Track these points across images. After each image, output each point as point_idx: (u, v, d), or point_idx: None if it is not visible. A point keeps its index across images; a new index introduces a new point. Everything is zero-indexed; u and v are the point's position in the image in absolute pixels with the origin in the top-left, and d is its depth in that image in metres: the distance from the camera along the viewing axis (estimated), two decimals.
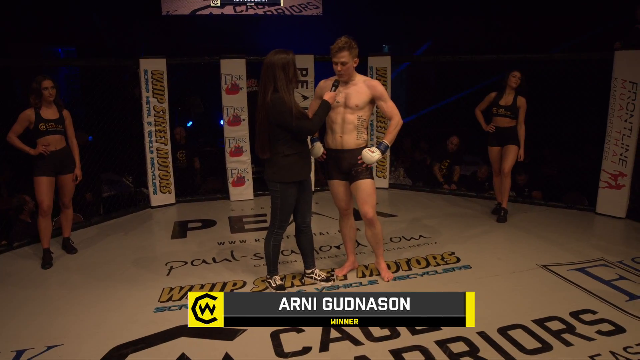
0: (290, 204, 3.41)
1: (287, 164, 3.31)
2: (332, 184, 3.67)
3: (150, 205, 5.80)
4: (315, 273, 3.74)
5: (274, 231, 3.48)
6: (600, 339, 2.93)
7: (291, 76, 3.24)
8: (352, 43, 3.35)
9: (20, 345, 2.96)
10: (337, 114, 3.47)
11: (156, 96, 5.63)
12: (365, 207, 3.53)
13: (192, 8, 10.58)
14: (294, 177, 3.34)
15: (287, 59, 3.21)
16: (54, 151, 4.14)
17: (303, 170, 3.40)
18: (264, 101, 3.23)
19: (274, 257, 3.57)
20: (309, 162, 3.47)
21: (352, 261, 3.92)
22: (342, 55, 3.33)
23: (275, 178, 3.34)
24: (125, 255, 4.39)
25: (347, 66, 3.36)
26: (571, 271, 3.85)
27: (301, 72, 5.95)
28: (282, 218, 3.44)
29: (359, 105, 3.43)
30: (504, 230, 4.90)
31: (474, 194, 6.08)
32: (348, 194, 3.68)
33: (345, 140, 3.49)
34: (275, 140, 3.29)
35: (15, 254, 4.47)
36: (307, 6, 10.94)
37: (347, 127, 3.47)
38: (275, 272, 3.64)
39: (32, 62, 6.74)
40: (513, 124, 4.96)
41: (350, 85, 3.46)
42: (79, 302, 3.53)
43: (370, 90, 3.45)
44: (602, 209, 5.24)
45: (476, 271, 3.92)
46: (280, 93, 3.19)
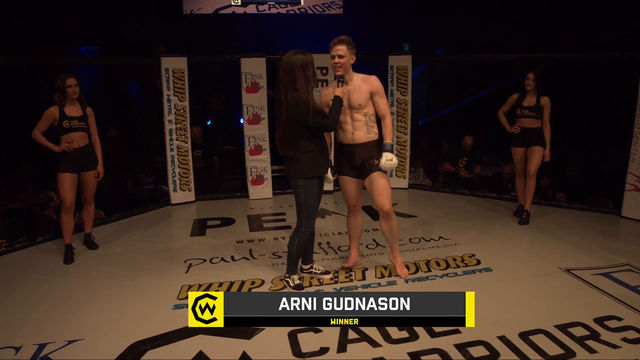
0: (314, 198, 3.49)
1: (310, 159, 3.39)
2: (343, 180, 3.72)
3: (170, 202, 5.85)
4: (314, 267, 3.82)
5: (301, 229, 3.52)
6: (626, 347, 2.84)
7: (310, 76, 3.32)
8: (350, 40, 3.48)
9: (41, 339, 3.01)
10: (345, 115, 3.54)
11: (177, 94, 5.68)
12: (382, 199, 3.55)
13: (216, 7, 10.67)
14: (316, 172, 3.44)
15: (306, 60, 3.31)
16: (77, 148, 4.20)
17: (323, 165, 3.50)
18: (285, 101, 3.30)
19: (297, 256, 3.59)
20: (327, 156, 3.56)
21: (354, 257, 3.95)
22: (340, 48, 3.44)
23: (297, 174, 3.41)
24: (145, 252, 4.43)
25: (344, 59, 3.44)
26: (595, 276, 3.76)
27: (321, 71, 5.94)
28: (307, 213, 3.49)
29: (361, 104, 3.50)
30: (526, 232, 4.81)
31: (495, 195, 5.99)
32: (358, 191, 3.73)
33: (357, 136, 3.56)
34: (297, 138, 3.36)
35: (38, 249, 4.55)
36: (330, 5, 10.95)
37: (356, 124, 3.54)
38: (295, 272, 3.64)
39: (56, 61, 6.84)
40: (538, 124, 4.87)
41: (350, 85, 3.52)
42: (99, 297, 3.57)
43: (368, 85, 3.51)
44: (627, 212, 5.12)
45: (497, 274, 3.85)
46: (300, 92, 3.26)
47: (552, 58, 5.59)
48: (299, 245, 3.53)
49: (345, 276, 3.82)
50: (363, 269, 3.94)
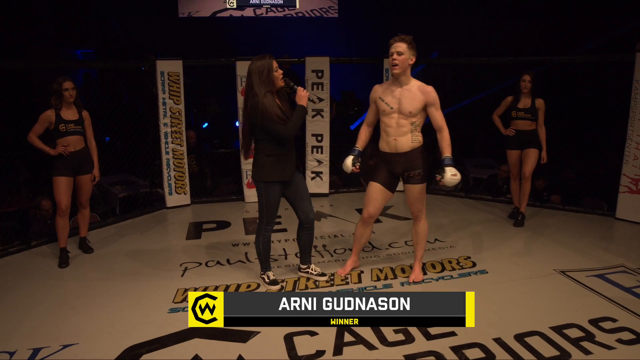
0: (274, 202, 3.52)
1: (268, 163, 3.42)
2: (373, 186, 3.66)
3: (166, 205, 5.84)
4: (311, 268, 3.85)
5: (262, 228, 3.59)
6: (620, 348, 2.86)
7: (266, 80, 3.33)
8: (412, 40, 3.38)
9: (36, 344, 2.99)
10: (391, 119, 3.49)
11: (172, 97, 5.68)
12: (414, 207, 3.62)
13: (212, 10, 10.70)
14: (274, 177, 3.45)
15: (263, 64, 3.34)
16: (73, 152, 4.18)
17: (284, 171, 3.47)
18: (245, 107, 3.42)
19: (265, 254, 3.69)
20: (291, 164, 3.52)
21: (354, 260, 3.98)
22: (400, 45, 3.36)
23: (257, 177, 3.48)
24: (140, 256, 4.42)
25: (402, 57, 3.35)
26: (590, 277, 3.78)
27: (316, 74, 5.95)
28: (267, 215, 3.55)
29: (412, 112, 3.43)
30: (521, 234, 4.83)
31: (490, 198, 6.01)
32: (383, 200, 3.69)
33: (400, 143, 3.49)
34: (258, 140, 3.43)
35: (32, 253, 4.53)
36: (326, 10, 11.01)
37: (400, 130, 3.48)
38: (269, 268, 3.76)
39: (51, 65, 6.84)
40: (533, 126, 4.90)
41: (404, 90, 3.44)
42: (94, 302, 3.55)
43: (424, 96, 3.42)
44: (622, 214, 5.14)
45: (492, 276, 3.86)
46: (258, 97, 3.32)
47: (547, 61, 5.62)
48: (264, 244, 3.64)
49: (342, 279, 3.82)
50: (359, 271, 3.94)
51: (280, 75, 3.40)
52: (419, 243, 3.75)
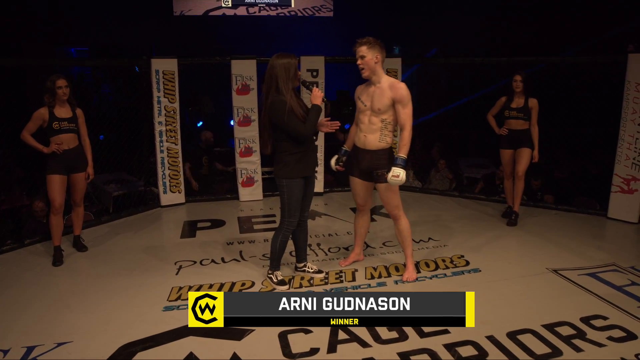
0: (297, 198, 3.52)
1: (293, 160, 3.44)
2: (352, 180, 3.80)
3: (160, 204, 5.83)
4: (307, 266, 3.87)
5: (283, 227, 3.58)
6: (611, 345, 2.89)
7: (292, 78, 3.35)
8: (372, 40, 3.45)
9: (30, 342, 2.99)
10: (365, 116, 3.58)
11: (167, 96, 5.67)
12: (388, 207, 3.72)
13: (206, 8, 10.67)
14: (299, 174, 3.48)
15: (290, 62, 3.35)
16: (66, 150, 4.17)
17: (308, 166, 3.53)
18: (266, 101, 3.40)
19: (280, 253, 3.66)
20: (314, 158, 3.59)
21: (357, 253, 4.06)
22: (360, 49, 3.46)
23: (281, 174, 3.46)
24: (134, 254, 4.42)
25: (365, 60, 3.45)
26: (582, 276, 3.81)
27: (312, 73, 5.96)
28: (290, 213, 3.54)
29: (381, 109, 3.49)
30: (514, 233, 4.86)
31: (484, 197, 6.04)
32: (366, 192, 3.80)
33: (369, 140, 3.57)
34: (281, 138, 3.42)
35: (26, 251, 4.52)
36: (320, 8, 10.99)
37: (371, 127, 3.56)
38: (278, 268, 3.73)
39: (45, 62, 6.82)
40: (526, 126, 4.92)
41: (377, 88, 3.52)
42: (89, 300, 3.55)
43: (392, 92, 3.47)
44: (614, 214, 5.19)
45: (485, 275, 3.89)
46: (282, 95, 3.32)
47: (541, 61, 5.65)
48: (281, 243, 3.61)
49: (336, 277, 3.84)
50: (353, 269, 3.96)
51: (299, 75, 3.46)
52: (404, 241, 3.80)
